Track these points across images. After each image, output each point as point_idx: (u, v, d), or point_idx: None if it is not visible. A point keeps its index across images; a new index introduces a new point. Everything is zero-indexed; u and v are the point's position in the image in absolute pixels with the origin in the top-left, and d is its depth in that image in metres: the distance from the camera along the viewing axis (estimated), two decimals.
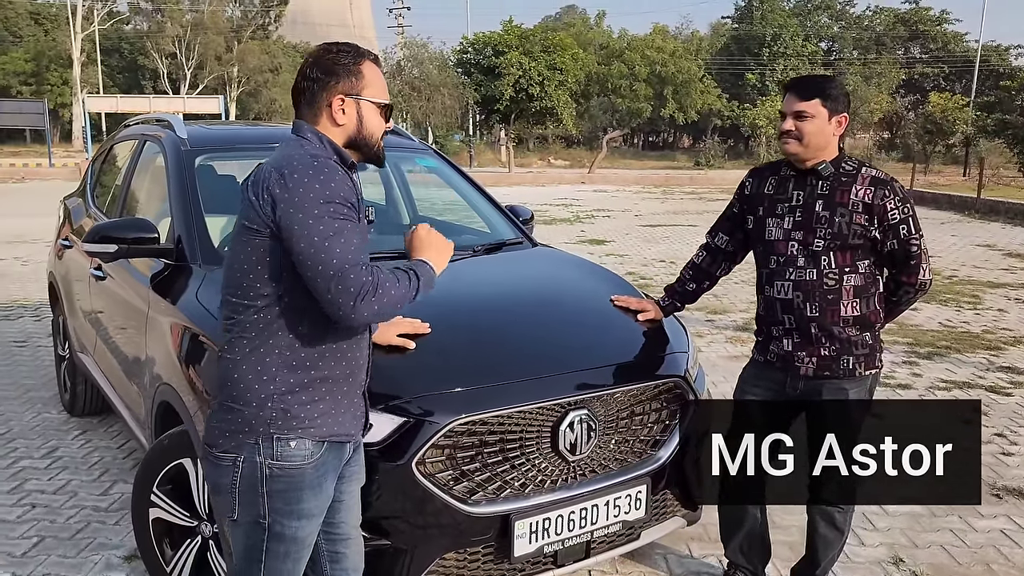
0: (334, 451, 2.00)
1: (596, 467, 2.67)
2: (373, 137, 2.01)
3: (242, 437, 1.90)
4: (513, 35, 34.27)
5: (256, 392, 1.90)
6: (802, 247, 2.70)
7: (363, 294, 1.80)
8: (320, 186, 1.83)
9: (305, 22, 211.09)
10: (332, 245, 1.81)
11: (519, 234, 3.98)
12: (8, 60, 53.45)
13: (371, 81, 1.98)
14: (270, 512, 1.92)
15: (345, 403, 2.02)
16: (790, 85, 2.74)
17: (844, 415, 2.75)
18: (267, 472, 1.90)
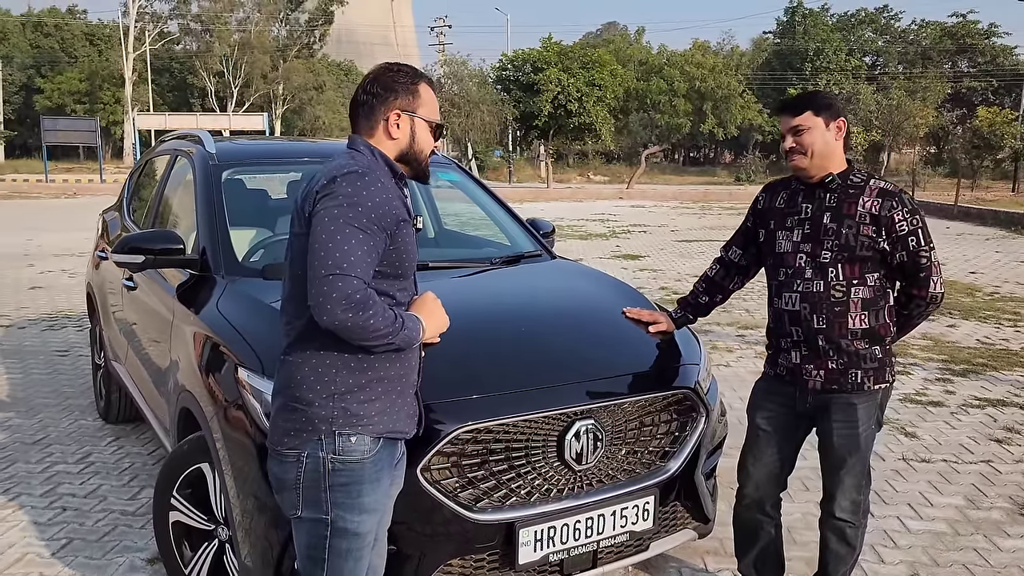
0: (389, 448, 2.11)
1: (603, 477, 2.68)
2: (423, 153, 2.13)
3: (306, 435, 2.01)
4: (552, 52, 34.51)
5: (318, 392, 2.01)
6: (810, 259, 2.71)
7: (347, 304, 1.87)
8: (352, 191, 1.93)
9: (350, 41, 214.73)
10: (335, 248, 1.89)
11: (538, 247, 4.02)
12: (64, 80, 55.27)
13: (426, 101, 2.11)
14: (332, 507, 2.02)
15: (400, 402, 2.11)
16: (779, 108, 2.78)
17: (852, 431, 2.73)
18: (329, 467, 2.01)
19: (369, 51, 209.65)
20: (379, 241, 1.97)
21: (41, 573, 3.29)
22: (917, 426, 5.17)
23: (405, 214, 2.06)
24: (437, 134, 2.17)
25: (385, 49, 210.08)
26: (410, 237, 2.09)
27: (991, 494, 4.17)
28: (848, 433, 2.73)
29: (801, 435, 2.91)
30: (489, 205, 4.28)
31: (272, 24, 58.61)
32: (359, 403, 2.04)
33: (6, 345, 7.17)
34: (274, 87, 57.70)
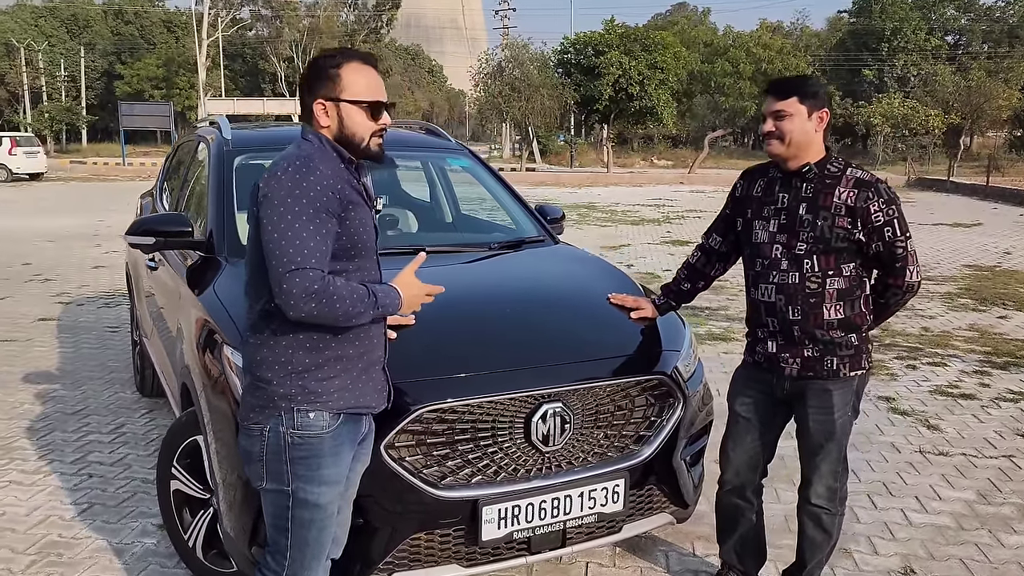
0: (350, 423, 2.21)
1: (573, 459, 2.74)
2: (356, 136, 2.14)
3: (268, 411, 2.12)
4: (614, 34, 34.15)
5: (277, 372, 2.11)
6: (785, 250, 2.70)
7: (307, 297, 1.97)
8: (292, 184, 2.00)
9: (418, 25, 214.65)
10: (287, 244, 1.98)
11: (542, 232, 4.07)
12: (142, 66, 57.20)
13: (351, 83, 2.12)
14: (294, 478, 2.14)
15: (364, 378, 2.21)
16: (767, 88, 2.75)
17: (828, 416, 2.72)
18: (289, 440, 2.12)
19: (437, 35, 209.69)
20: (330, 225, 2.04)
21: (60, 534, 3.51)
22: (942, 419, 5.06)
23: (355, 196, 2.12)
24: (376, 112, 2.15)
25: (453, 33, 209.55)
26: (363, 219, 2.15)
27: (1005, 490, 4.07)
28: (823, 419, 2.73)
29: (780, 421, 2.91)
30: (497, 191, 4.34)
31: (340, 9, 59.43)
32: (317, 381, 2.13)
33: (63, 321, 7.57)
34: None
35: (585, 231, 14.85)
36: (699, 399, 3.15)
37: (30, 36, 54.86)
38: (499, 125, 43.13)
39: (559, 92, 33.52)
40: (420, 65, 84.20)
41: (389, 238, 3.87)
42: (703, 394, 3.19)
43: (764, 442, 2.91)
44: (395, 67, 69.14)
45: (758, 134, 57.44)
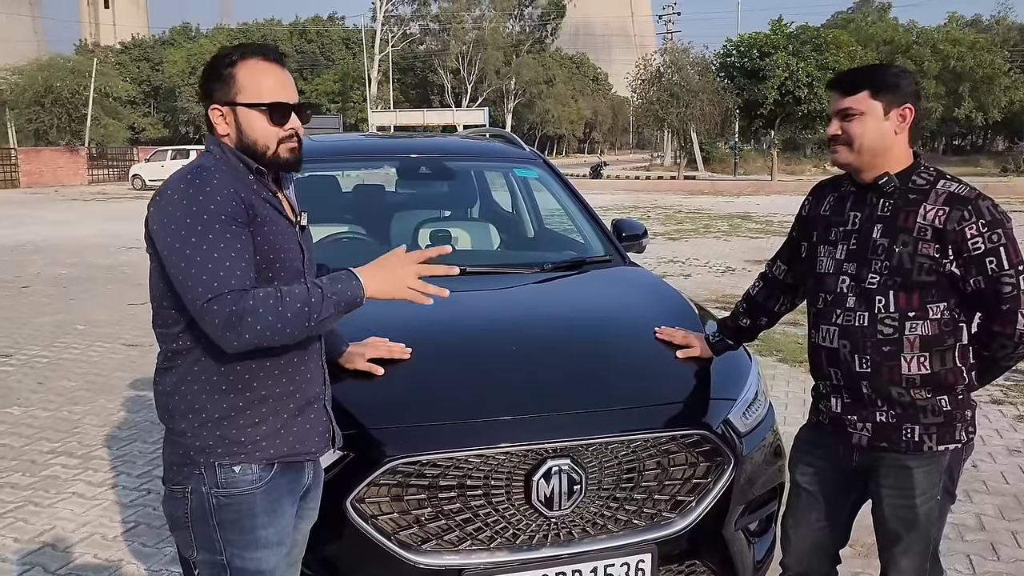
0: (289, 474, 1.88)
1: (587, 526, 2.30)
2: (258, 143, 1.83)
3: (187, 469, 1.82)
4: (781, 35, 32.43)
5: (191, 421, 1.81)
6: (854, 283, 2.13)
7: (228, 325, 1.66)
8: (187, 202, 1.71)
9: (587, 34, 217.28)
10: (199, 271, 1.68)
11: (610, 251, 3.63)
12: (321, 82, 60.84)
13: (247, 84, 1.81)
14: (226, 545, 1.83)
15: (299, 420, 1.88)
16: (832, 82, 2.19)
17: (907, 501, 2.13)
18: (214, 502, 1.80)
19: (607, 43, 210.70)
20: (246, 237, 1.73)
21: (96, 554, 3.45)
22: None
23: (265, 210, 1.80)
24: (279, 115, 1.82)
25: (622, 40, 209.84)
26: (279, 235, 1.83)
27: None
28: (901, 504, 2.14)
29: (853, 498, 2.33)
30: (568, 204, 3.93)
31: (506, 20, 60.42)
32: (239, 428, 1.81)
33: None
34: (506, 82, 59.53)
35: (732, 243, 14.01)
36: (765, 456, 2.61)
37: None
38: (659, 132, 42.12)
39: (720, 97, 32.22)
40: (585, 73, 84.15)
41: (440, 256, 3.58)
42: (771, 450, 2.65)
43: (833, 523, 2.34)
44: (559, 76, 69.45)
45: (948, 136, 53.00)
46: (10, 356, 6.77)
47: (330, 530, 2.17)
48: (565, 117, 70.56)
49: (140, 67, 66.51)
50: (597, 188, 30.45)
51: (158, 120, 64.96)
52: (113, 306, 8.90)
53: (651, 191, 29.38)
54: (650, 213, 20.09)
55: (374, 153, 4.20)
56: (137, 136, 58.79)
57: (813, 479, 2.33)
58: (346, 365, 2.38)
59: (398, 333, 2.50)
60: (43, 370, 6.35)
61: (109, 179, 38.95)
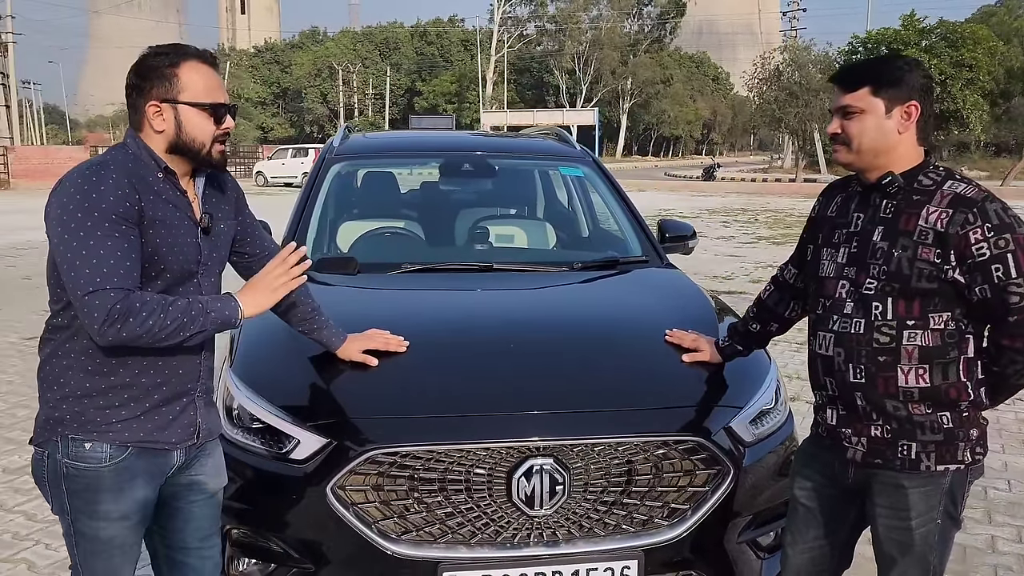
0: (147, 457, 1.95)
1: (571, 527, 2.26)
2: (196, 142, 1.90)
3: (47, 433, 1.93)
4: (912, 30, 30.73)
5: (54, 392, 1.91)
6: (853, 288, 2.00)
7: (108, 320, 1.74)
8: (81, 196, 1.77)
9: (711, 32, 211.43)
10: (83, 264, 1.76)
11: (649, 252, 3.54)
12: (438, 83, 62.18)
13: (190, 83, 1.87)
14: (71, 509, 1.94)
15: (162, 411, 1.95)
16: (833, 77, 2.05)
17: (902, 523, 1.99)
18: (63, 470, 1.91)
19: (731, 41, 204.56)
20: (134, 237, 1.80)
21: None
22: None
23: (163, 211, 1.86)
24: (219, 115, 1.90)
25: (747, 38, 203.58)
26: (172, 237, 1.88)
27: None
28: (895, 525, 1.99)
29: (855, 518, 2.17)
30: (612, 203, 3.87)
31: (623, 20, 59.95)
32: (97, 409, 1.89)
33: None
34: (621, 82, 59.08)
35: None
36: (776, 467, 2.49)
37: (348, 59, 61.73)
38: (776, 133, 40.72)
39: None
40: (705, 72, 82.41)
41: (467, 252, 3.60)
42: (783, 461, 2.52)
43: (832, 543, 2.20)
44: (677, 75, 68.29)
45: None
46: None
47: (311, 515, 2.22)
48: (682, 118, 69.31)
49: (271, 70, 69.85)
50: (708, 190, 29.79)
51: (285, 120, 68.05)
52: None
53: (764, 194, 28.45)
54: (758, 216, 19.47)
55: (423, 150, 4.27)
56: (266, 135, 61.79)
57: (811, 495, 2.19)
58: (343, 356, 2.43)
59: (401, 327, 2.54)
60: None
61: (238, 176, 40.99)
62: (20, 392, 5.61)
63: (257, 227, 2.28)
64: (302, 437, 2.26)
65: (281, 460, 2.29)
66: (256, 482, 2.33)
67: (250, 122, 50.55)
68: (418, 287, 3.13)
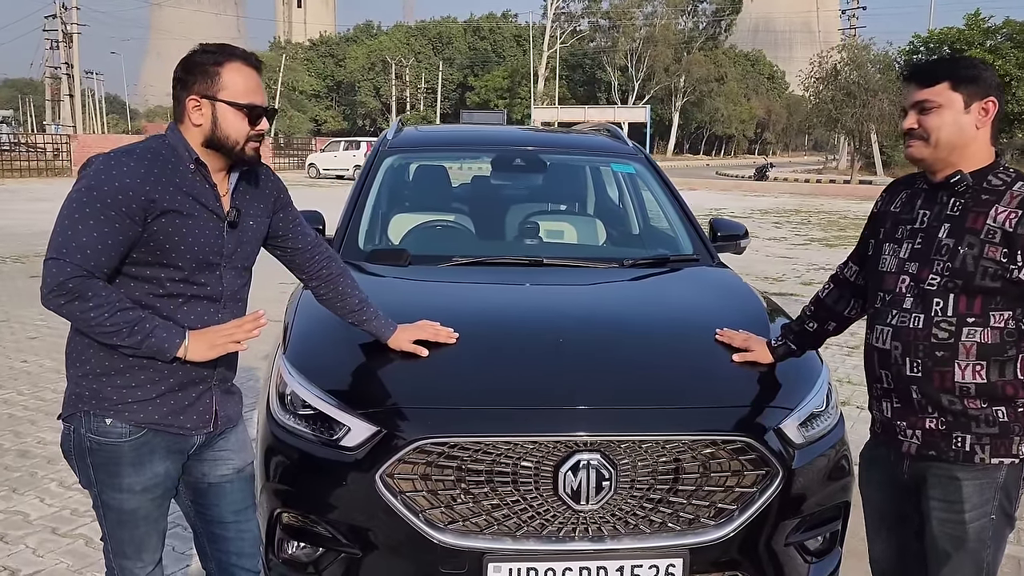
0: (165, 436, 2.02)
1: (617, 524, 2.26)
2: (230, 139, 1.96)
3: (72, 408, 2.00)
4: (976, 30, 29.86)
5: (77, 369, 1.98)
6: (914, 283, 2.00)
7: (57, 290, 1.81)
8: (94, 176, 1.86)
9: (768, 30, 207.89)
10: (61, 232, 1.83)
11: (700, 250, 3.52)
12: (490, 78, 62.33)
13: (230, 83, 1.94)
14: (97, 482, 2.02)
15: (178, 395, 2.01)
16: (907, 73, 2.04)
17: (955, 516, 1.97)
18: (88, 445, 1.99)
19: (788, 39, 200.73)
20: (121, 227, 1.85)
21: None
22: None
23: (186, 204, 1.92)
24: (254, 116, 1.97)
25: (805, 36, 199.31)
26: (188, 228, 1.93)
27: None
28: (948, 518, 1.99)
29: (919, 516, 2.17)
30: (664, 201, 3.84)
31: (678, 17, 59.36)
32: (114, 387, 1.95)
33: None
34: (674, 80, 58.52)
35: None
36: (825, 471, 2.46)
37: (401, 53, 62.21)
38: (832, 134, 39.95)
39: (903, 96, 30.06)
40: (760, 71, 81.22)
41: (517, 246, 3.61)
42: (833, 465, 2.49)
43: (904, 542, 2.19)
44: (731, 74, 67.42)
45: None
46: None
47: (359, 501, 2.25)
48: (735, 116, 68.45)
49: (325, 63, 70.77)
50: (760, 190, 29.38)
51: (339, 113, 68.92)
52: (265, 284, 9.54)
53: (818, 195, 27.96)
54: (811, 218, 19.14)
55: (475, 144, 4.29)
56: (319, 128, 62.63)
57: (877, 494, 2.23)
58: (393, 346, 2.47)
59: (451, 319, 2.56)
60: None
61: (291, 167, 41.67)
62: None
63: (300, 224, 2.34)
64: (352, 424, 2.30)
65: (331, 446, 2.33)
66: (306, 467, 2.37)
67: (304, 114, 51.32)
68: (468, 280, 3.15)
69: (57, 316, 1.86)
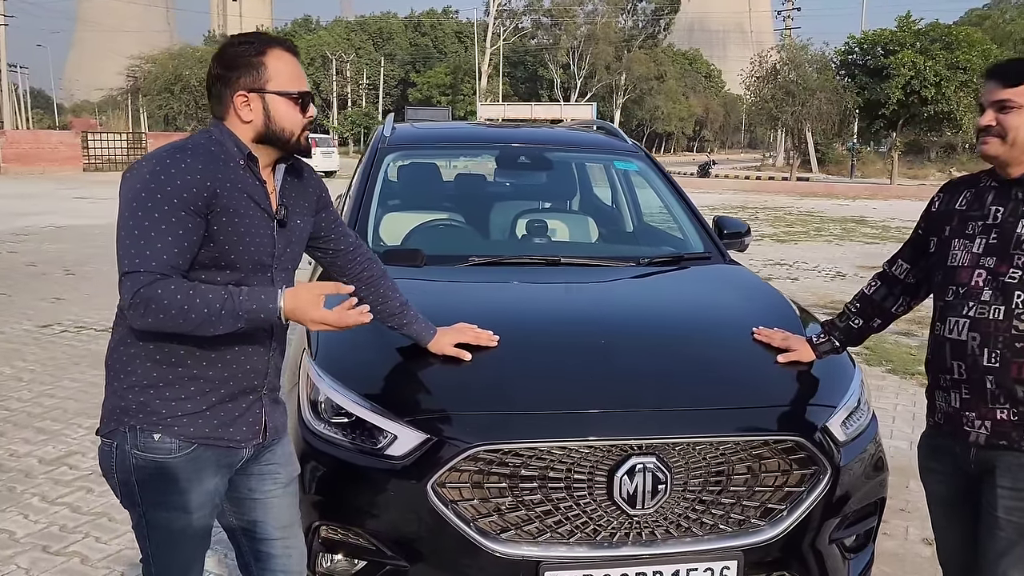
0: (215, 451, 1.91)
1: (671, 527, 2.23)
2: (285, 131, 1.86)
3: (114, 424, 1.88)
4: (908, 32, 30.83)
5: (121, 381, 1.87)
6: (991, 277, 2.03)
7: (133, 304, 1.70)
8: (151, 176, 1.74)
9: (702, 29, 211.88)
10: (131, 244, 1.72)
11: (710, 248, 3.52)
12: (432, 74, 61.93)
13: (276, 72, 1.84)
14: (142, 501, 1.90)
15: (228, 407, 1.91)
16: (990, 71, 2.08)
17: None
18: (133, 461, 1.86)
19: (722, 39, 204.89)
20: (193, 225, 1.75)
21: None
22: None
23: (241, 202, 1.82)
24: (304, 104, 1.88)
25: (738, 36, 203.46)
26: (245, 227, 1.83)
27: None
28: (1017, 506, 2.02)
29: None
30: (669, 199, 3.83)
31: (618, 15, 59.91)
32: (163, 400, 1.84)
33: None
34: (616, 78, 59.06)
35: (844, 248, 13.45)
36: (865, 468, 2.48)
37: (341, 48, 61.36)
38: (771, 132, 40.86)
39: (839, 96, 30.90)
40: (697, 70, 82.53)
41: (529, 245, 3.55)
42: (872, 462, 2.51)
43: (975, 532, 2.21)
44: (670, 72, 68.36)
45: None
46: None
47: (408, 511, 2.18)
48: (675, 114, 69.42)
49: None
50: (704, 187, 29.81)
51: None
52: None
53: (761, 192, 28.53)
54: (758, 214, 19.51)
55: (475, 141, 4.21)
56: None
57: (940, 486, 2.24)
58: (433, 350, 2.39)
59: (487, 321, 2.49)
60: None
61: None
62: (43, 381, 5.53)
63: (341, 224, 2.25)
64: (399, 432, 2.21)
65: (374, 455, 2.24)
66: (345, 477, 2.28)
67: None
68: (491, 280, 3.08)
69: (6, 320, 1.72)
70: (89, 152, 34.20)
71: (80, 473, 4.00)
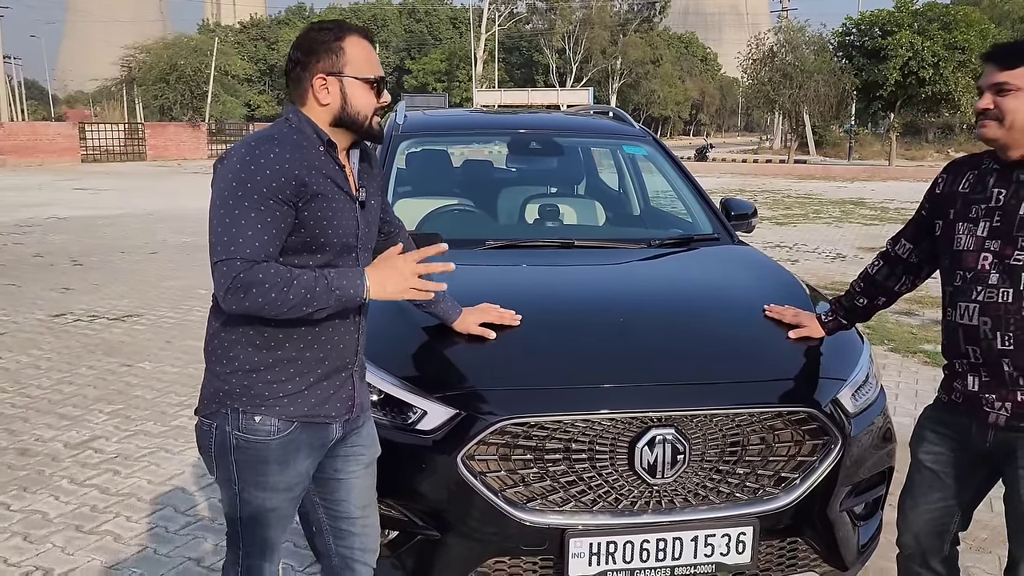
0: (310, 430, 2.00)
1: (689, 496, 2.33)
2: (360, 114, 1.94)
3: (216, 406, 1.95)
4: (905, 12, 30.81)
5: (224, 366, 1.94)
6: (997, 260, 2.08)
7: (231, 289, 1.77)
8: (241, 166, 1.81)
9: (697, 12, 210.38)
10: (223, 232, 1.79)
11: (718, 229, 3.61)
12: (428, 61, 61.71)
13: (354, 57, 1.92)
14: (239, 479, 1.98)
15: (324, 385, 2.00)
16: (988, 54, 2.11)
17: None
18: (233, 443, 1.94)
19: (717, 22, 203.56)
20: (281, 214, 1.82)
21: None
22: None
23: (325, 186, 1.89)
24: (379, 89, 1.96)
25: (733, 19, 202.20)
26: (334, 212, 1.91)
27: None
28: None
29: (981, 481, 2.27)
30: (677, 182, 3.92)
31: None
32: (265, 383, 1.92)
33: None
34: (611, 62, 58.89)
35: (843, 229, 13.54)
36: (874, 439, 2.58)
37: None
38: (768, 115, 40.85)
39: (836, 78, 30.91)
40: (693, 53, 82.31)
41: (543, 229, 3.64)
42: (880, 433, 2.61)
43: (957, 502, 2.29)
44: (666, 56, 68.19)
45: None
46: (141, 316, 7.25)
47: (441, 484, 2.28)
48: (671, 98, 69.29)
49: (257, 46, 69.10)
50: (702, 170, 29.85)
51: (272, 98, 67.43)
52: None
53: (759, 175, 28.60)
54: (757, 197, 19.58)
55: (488, 128, 4.30)
56: (252, 113, 61.20)
57: (938, 458, 2.28)
58: (459, 329, 2.49)
59: (509, 301, 2.59)
60: (170, 330, 6.77)
61: None
62: (60, 368, 5.62)
63: (390, 206, 2.33)
64: (429, 408, 2.32)
65: (406, 430, 2.34)
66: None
67: (237, 99, 50.00)
68: (510, 263, 3.18)
69: (17, 311, 1.80)
70: (87, 143, 34.14)
71: (106, 456, 4.11)
